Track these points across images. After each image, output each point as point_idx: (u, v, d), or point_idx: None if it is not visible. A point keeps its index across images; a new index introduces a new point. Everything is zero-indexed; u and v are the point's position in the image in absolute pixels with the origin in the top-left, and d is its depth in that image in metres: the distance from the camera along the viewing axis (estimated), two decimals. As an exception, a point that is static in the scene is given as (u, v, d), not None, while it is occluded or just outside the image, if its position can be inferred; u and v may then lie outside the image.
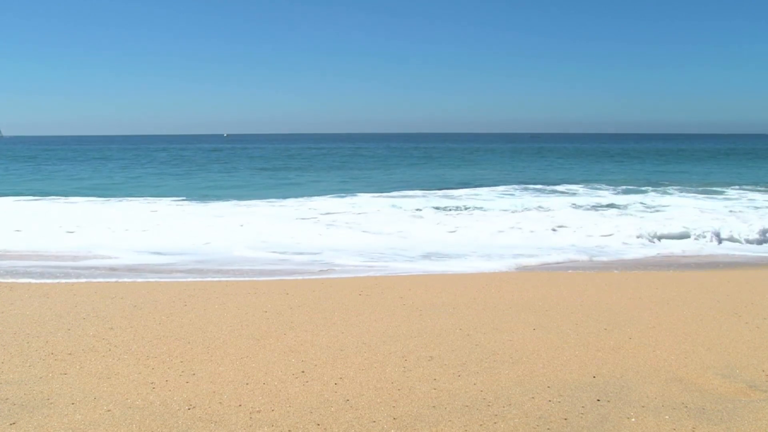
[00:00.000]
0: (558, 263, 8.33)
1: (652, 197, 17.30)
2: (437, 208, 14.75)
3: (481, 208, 14.68)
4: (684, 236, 10.25)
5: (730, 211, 13.71)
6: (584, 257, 8.73)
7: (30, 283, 6.48)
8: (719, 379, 3.71)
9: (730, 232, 10.39)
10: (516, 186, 20.80)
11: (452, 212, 14.10)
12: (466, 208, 14.75)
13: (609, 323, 4.92)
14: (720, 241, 10.08)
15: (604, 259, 8.71)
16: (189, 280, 6.81)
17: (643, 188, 20.10)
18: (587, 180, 23.40)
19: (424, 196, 17.63)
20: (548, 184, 21.69)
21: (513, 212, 13.84)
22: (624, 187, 20.50)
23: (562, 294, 6.01)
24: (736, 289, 6.28)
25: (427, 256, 8.73)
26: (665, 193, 18.70)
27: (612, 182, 22.33)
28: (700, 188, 19.95)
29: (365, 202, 16.02)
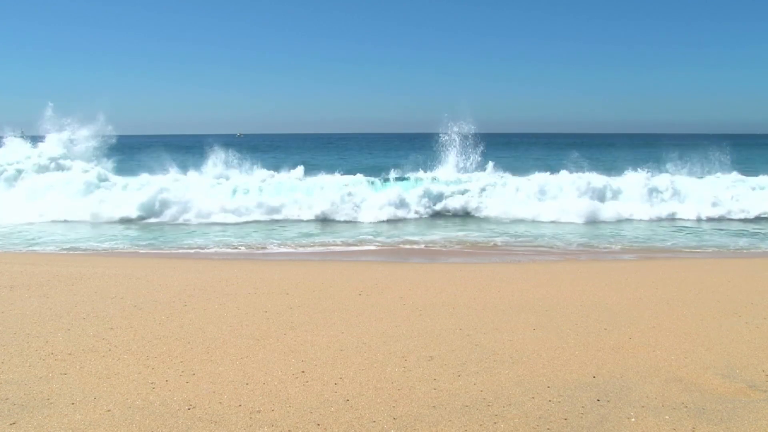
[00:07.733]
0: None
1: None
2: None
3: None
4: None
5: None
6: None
7: (30, 283, 6.48)
8: (719, 379, 3.71)
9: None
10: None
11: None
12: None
13: (609, 323, 4.92)
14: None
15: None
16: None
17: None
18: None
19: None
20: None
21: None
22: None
23: (562, 294, 6.01)
24: (736, 289, 6.28)
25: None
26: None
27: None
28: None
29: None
